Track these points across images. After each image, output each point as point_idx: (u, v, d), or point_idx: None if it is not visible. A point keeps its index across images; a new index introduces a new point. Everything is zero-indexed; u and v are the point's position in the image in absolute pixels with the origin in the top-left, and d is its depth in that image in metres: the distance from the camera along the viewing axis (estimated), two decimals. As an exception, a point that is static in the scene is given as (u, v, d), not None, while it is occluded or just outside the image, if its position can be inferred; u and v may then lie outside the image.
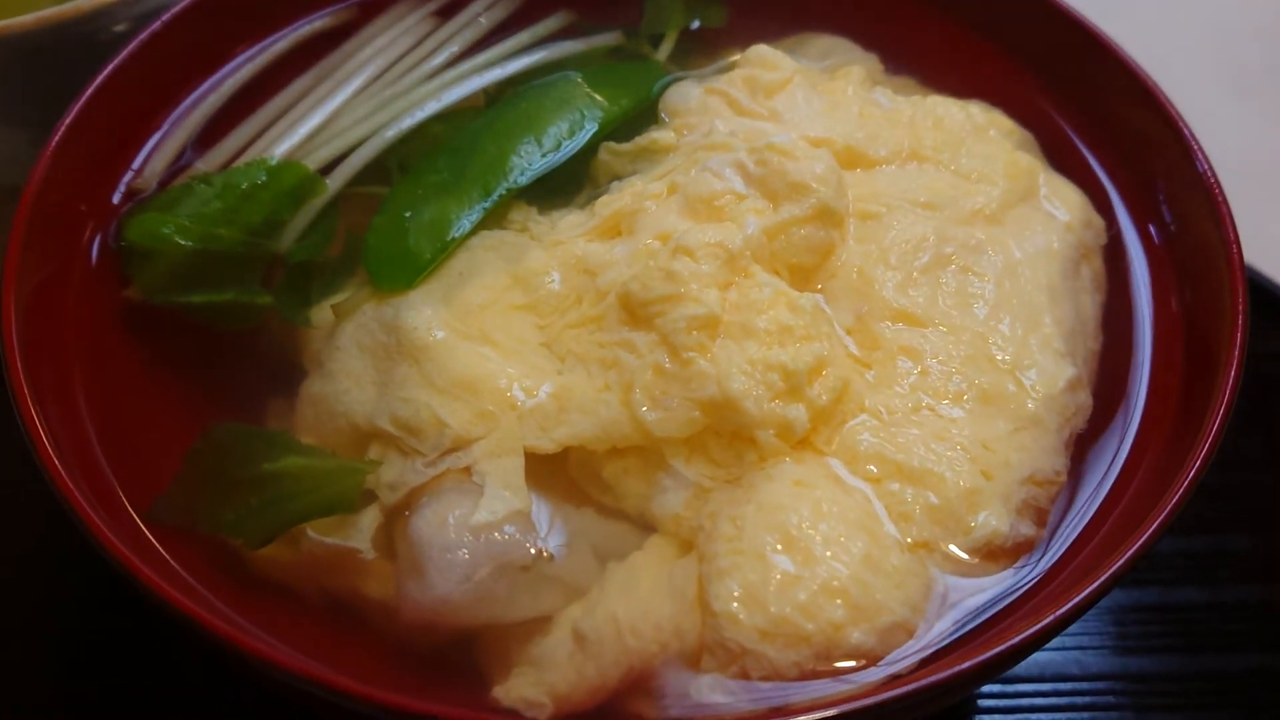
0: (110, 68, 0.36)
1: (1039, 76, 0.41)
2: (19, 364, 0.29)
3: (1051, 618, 0.24)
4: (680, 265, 0.31)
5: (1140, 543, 0.25)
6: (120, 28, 0.42)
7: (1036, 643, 0.24)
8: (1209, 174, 0.33)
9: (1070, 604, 0.24)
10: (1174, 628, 0.40)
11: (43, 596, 0.38)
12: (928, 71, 0.43)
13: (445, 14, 0.43)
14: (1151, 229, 0.36)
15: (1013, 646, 0.23)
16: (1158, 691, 0.38)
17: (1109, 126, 0.38)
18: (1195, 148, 0.33)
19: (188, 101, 0.39)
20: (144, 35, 0.37)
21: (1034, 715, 0.37)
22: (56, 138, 0.33)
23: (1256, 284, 0.49)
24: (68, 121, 0.34)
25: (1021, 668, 0.36)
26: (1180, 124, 0.34)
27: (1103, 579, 0.24)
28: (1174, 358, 0.35)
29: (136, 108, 0.38)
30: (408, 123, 0.38)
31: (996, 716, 0.37)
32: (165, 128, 0.38)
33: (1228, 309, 0.31)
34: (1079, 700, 0.38)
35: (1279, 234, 0.54)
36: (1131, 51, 0.44)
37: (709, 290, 0.30)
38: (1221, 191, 0.33)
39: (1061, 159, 0.38)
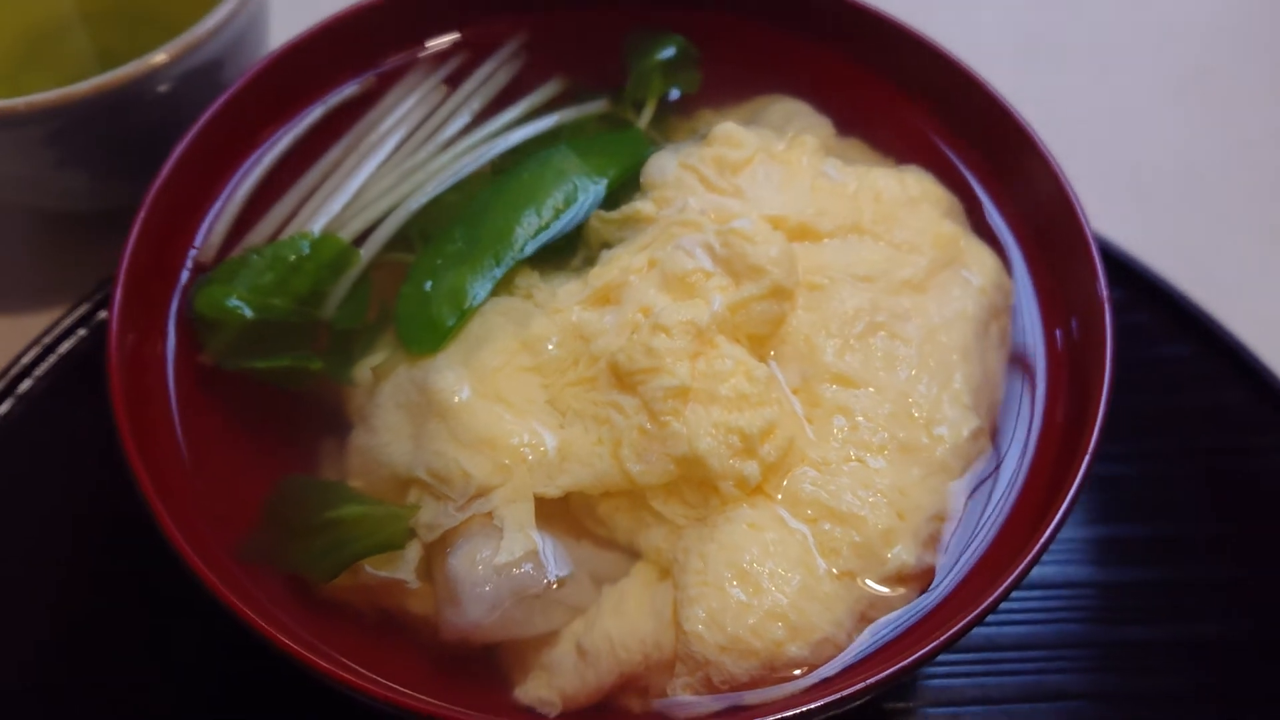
0: (172, 159, 0.43)
1: (969, 144, 0.47)
2: (125, 423, 0.35)
3: (946, 635, 0.31)
4: (658, 342, 0.37)
5: (1019, 570, 0.33)
6: (163, 88, 0.50)
7: (935, 653, 0.32)
8: (1091, 237, 0.40)
9: (961, 624, 0.31)
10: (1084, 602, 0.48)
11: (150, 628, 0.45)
12: (873, 133, 0.50)
13: (454, 81, 0.49)
14: (1048, 284, 0.42)
15: (917, 660, 0.31)
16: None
17: (1018, 192, 0.44)
18: (1082, 219, 0.40)
19: (236, 177, 0.46)
20: (198, 125, 0.44)
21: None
22: (136, 225, 0.40)
23: (1161, 289, 0.54)
24: (143, 213, 0.41)
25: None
26: (1072, 197, 0.41)
27: (988, 603, 0.32)
28: (1059, 393, 0.41)
29: (196, 188, 0.45)
30: (427, 195, 0.45)
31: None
32: (219, 204, 0.45)
33: (1099, 358, 0.38)
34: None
35: (1199, 226, 0.62)
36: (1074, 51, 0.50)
37: (681, 363, 0.37)
38: (1099, 250, 0.40)
39: (977, 220, 0.45)
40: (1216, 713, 0.44)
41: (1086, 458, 0.36)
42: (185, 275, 0.42)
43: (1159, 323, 0.55)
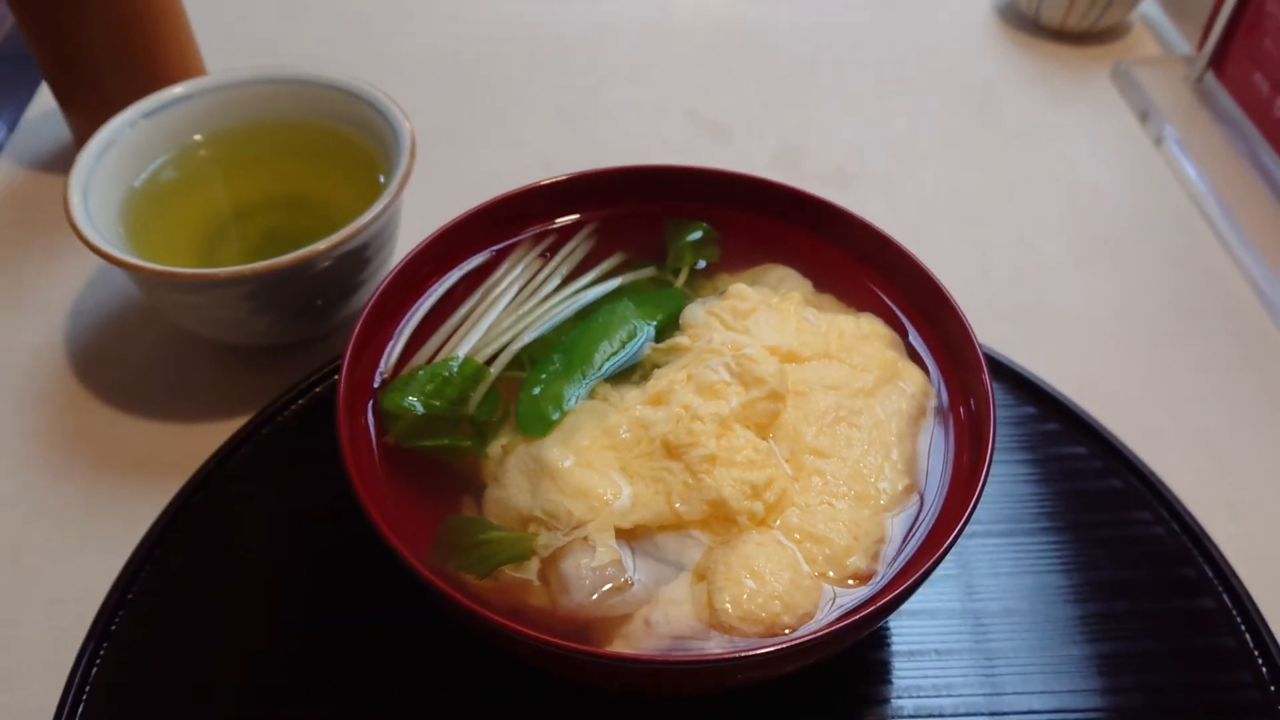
0: (364, 312, 0.55)
1: (905, 298, 0.61)
2: (355, 473, 0.48)
3: (877, 607, 0.44)
4: (695, 426, 0.51)
5: (929, 567, 0.45)
6: (324, 265, 0.64)
7: (873, 619, 0.45)
8: (980, 352, 0.54)
9: (887, 600, 0.44)
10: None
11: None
12: (839, 290, 0.63)
13: (548, 255, 0.64)
14: (955, 381, 0.57)
15: (860, 621, 0.44)
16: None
17: (937, 329, 0.58)
18: (975, 342, 0.54)
19: (404, 321, 0.59)
20: (378, 290, 0.56)
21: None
22: (347, 354, 0.53)
23: (1064, 404, 0.68)
24: (350, 345, 0.53)
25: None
26: (969, 329, 0.55)
27: (905, 587, 0.45)
28: (964, 446, 0.54)
29: (380, 329, 0.57)
30: (534, 333, 0.59)
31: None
32: (395, 338, 0.58)
33: (986, 419, 0.52)
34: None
35: (1096, 359, 0.74)
36: (1000, 224, 0.62)
37: (711, 440, 0.50)
38: (986, 360, 0.53)
39: (909, 347, 0.59)
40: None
41: (980, 485, 0.48)
42: (376, 383, 0.56)
43: (1063, 430, 0.68)
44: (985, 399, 0.52)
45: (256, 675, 0.56)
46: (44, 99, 0.97)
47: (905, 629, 0.59)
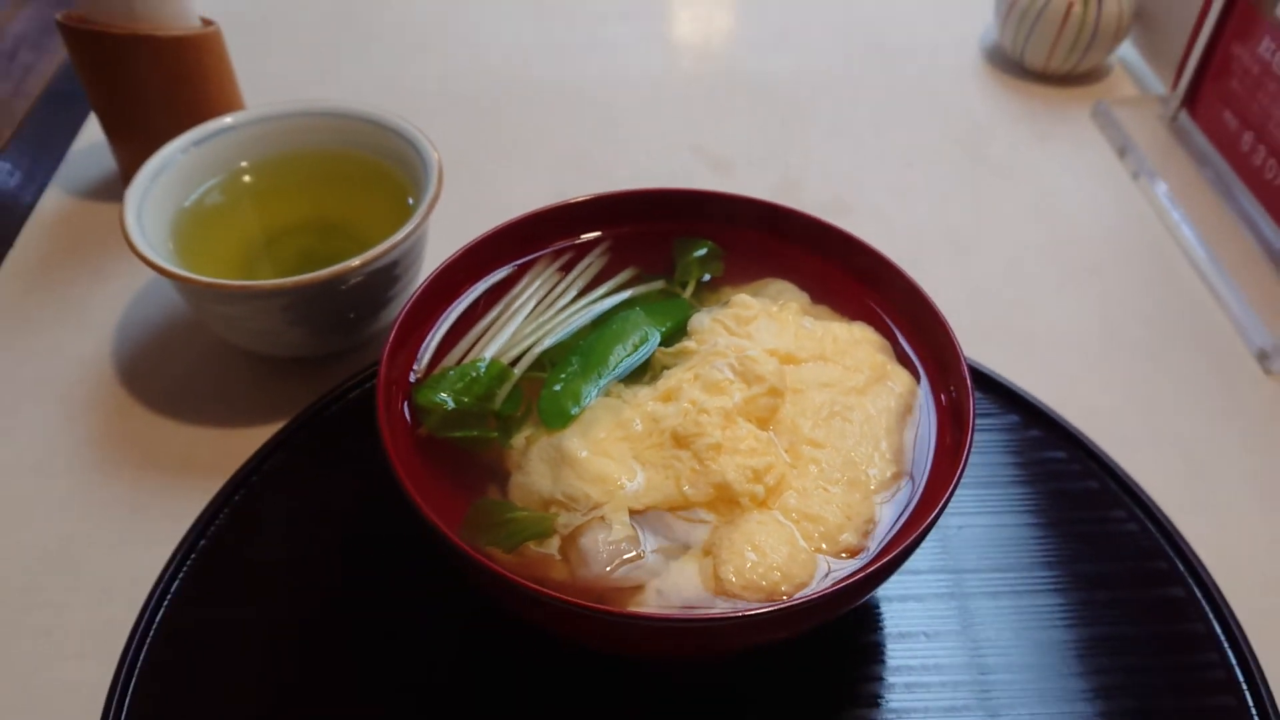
0: (399, 319, 0.59)
1: (893, 307, 0.65)
2: (396, 459, 0.51)
3: (864, 574, 0.49)
4: (702, 419, 0.54)
5: (913, 540, 0.49)
6: (356, 280, 0.68)
7: (862, 587, 0.50)
8: (960, 349, 0.58)
9: (874, 569, 0.49)
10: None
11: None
12: (834, 302, 0.67)
13: (566, 269, 0.69)
14: (940, 382, 0.61)
15: (849, 588, 0.49)
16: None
17: (925, 337, 0.63)
18: (954, 338, 0.59)
19: (435, 327, 0.64)
20: (417, 293, 0.61)
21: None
22: (385, 356, 0.57)
23: (1046, 414, 0.74)
24: (387, 348, 0.58)
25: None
26: (952, 337, 0.59)
27: (889, 558, 0.49)
28: (946, 427, 0.58)
29: (413, 334, 0.62)
30: (553, 339, 0.64)
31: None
32: (427, 342, 0.63)
33: (965, 404, 0.56)
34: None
35: (1079, 374, 0.78)
36: (989, 249, 0.68)
37: (716, 431, 0.53)
38: (966, 369, 0.57)
39: (899, 352, 0.64)
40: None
41: (961, 467, 0.51)
42: (412, 380, 0.61)
43: (1044, 436, 0.73)
44: (964, 386, 0.57)
45: (288, 655, 0.61)
46: (90, 133, 1.04)
47: (897, 612, 0.64)
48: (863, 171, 1.02)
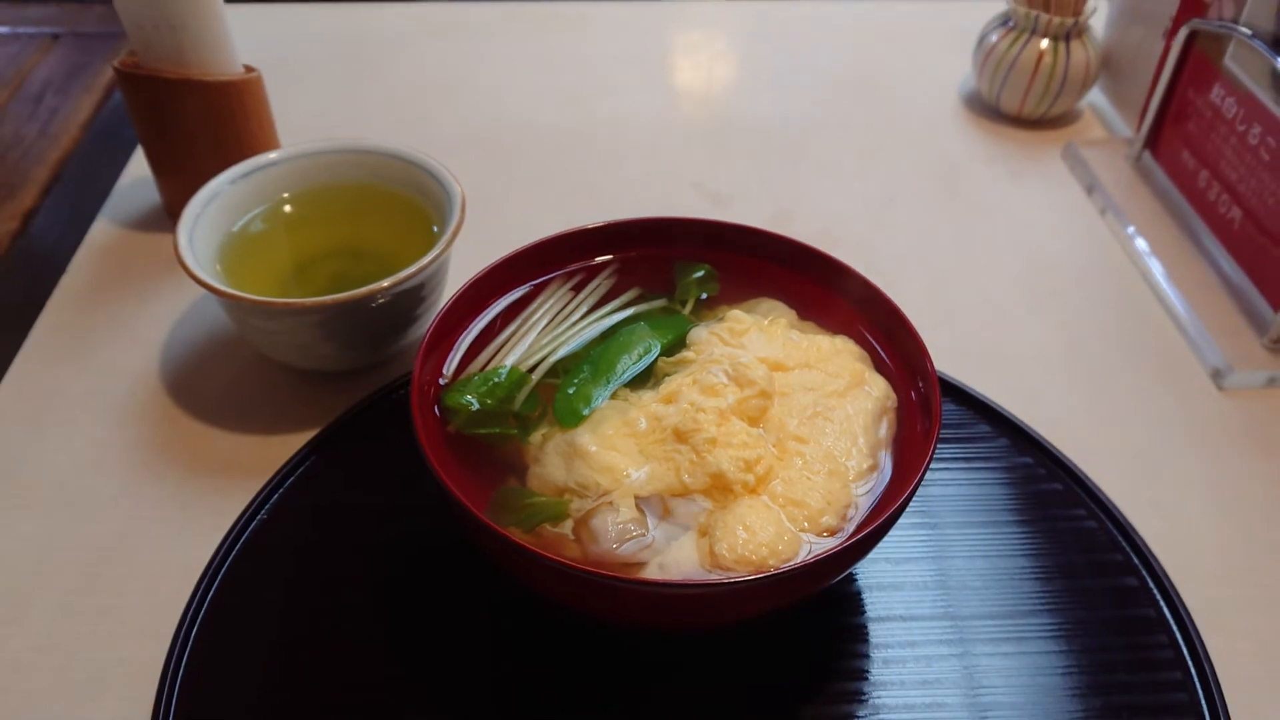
0: (431, 326, 0.66)
1: (874, 324, 0.72)
2: (435, 462, 0.57)
3: (840, 548, 0.58)
4: (700, 417, 0.61)
5: (886, 519, 0.55)
6: (383, 300, 0.73)
7: (840, 563, 0.58)
8: (931, 362, 0.64)
9: (848, 544, 0.56)
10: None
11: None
12: (820, 319, 0.73)
13: (577, 289, 0.75)
14: (911, 382, 0.67)
15: (827, 560, 0.56)
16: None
17: (898, 346, 0.69)
18: (924, 349, 0.65)
19: (463, 335, 0.70)
20: (445, 307, 0.67)
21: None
22: (419, 362, 0.64)
23: (1018, 426, 0.80)
24: (420, 355, 0.64)
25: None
26: (920, 342, 0.65)
27: (863, 535, 0.55)
28: (915, 417, 0.65)
29: (442, 343, 0.69)
30: (566, 350, 0.70)
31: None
32: (454, 351, 0.70)
33: (933, 396, 0.62)
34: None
35: (1044, 386, 0.85)
36: (962, 274, 0.75)
37: (713, 427, 0.58)
38: (932, 366, 0.64)
39: (879, 363, 0.70)
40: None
41: (928, 456, 0.57)
42: (441, 383, 0.67)
43: (1012, 444, 0.80)
44: (931, 384, 0.64)
45: (321, 636, 0.66)
46: (135, 168, 1.12)
47: (882, 600, 0.70)
48: (849, 206, 1.10)
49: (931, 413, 0.63)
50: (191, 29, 0.90)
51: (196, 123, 0.94)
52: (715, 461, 0.60)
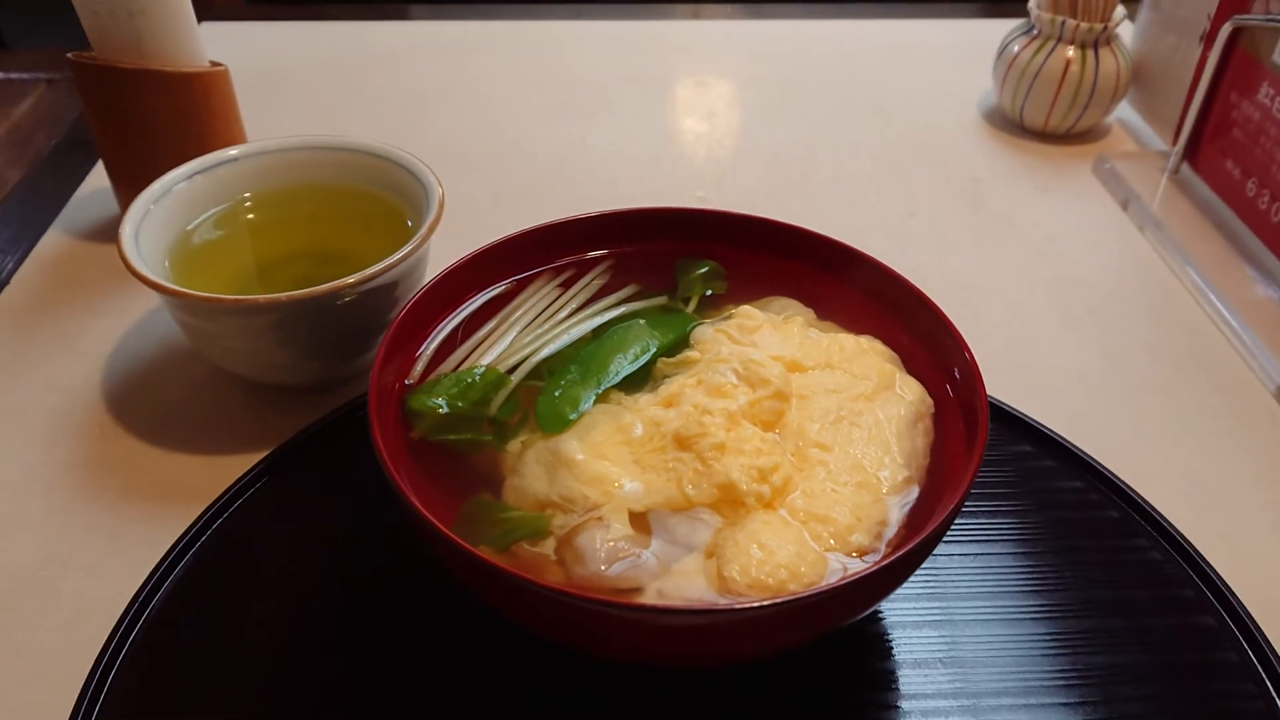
0: (395, 321, 0.58)
1: (902, 322, 0.64)
2: (389, 462, 0.49)
3: (872, 571, 0.46)
4: (706, 420, 0.53)
5: (921, 541, 0.47)
6: (348, 299, 0.67)
7: (872, 588, 0.48)
8: (975, 365, 0.57)
9: (882, 566, 0.46)
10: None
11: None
12: (841, 319, 0.66)
13: (566, 286, 0.68)
14: (953, 394, 0.59)
15: (857, 583, 0.46)
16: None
17: (934, 347, 0.62)
18: (967, 350, 0.58)
19: (433, 333, 0.63)
20: (412, 300, 0.59)
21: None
22: (377, 364, 0.55)
23: (1060, 443, 0.72)
24: (381, 355, 0.56)
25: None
26: (962, 342, 0.58)
27: (897, 557, 0.46)
28: (958, 441, 0.57)
29: (407, 343, 0.61)
30: (550, 350, 0.63)
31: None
32: (422, 348, 0.62)
33: (979, 411, 0.55)
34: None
35: (1083, 404, 0.77)
36: (994, 291, 0.68)
37: (720, 431, 0.52)
38: (974, 362, 0.57)
39: (910, 366, 0.63)
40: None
41: (973, 469, 0.49)
42: (406, 387, 0.59)
43: (1059, 466, 0.71)
44: (975, 390, 0.55)
45: (259, 679, 0.58)
46: (94, 181, 1.04)
47: (913, 641, 0.60)
48: (865, 220, 1.02)
49: (976, 424, 0.54)
50: (150, 15, 0.83)
51: (156, 118, 0.86)
52: (724, 470, 0.52)
